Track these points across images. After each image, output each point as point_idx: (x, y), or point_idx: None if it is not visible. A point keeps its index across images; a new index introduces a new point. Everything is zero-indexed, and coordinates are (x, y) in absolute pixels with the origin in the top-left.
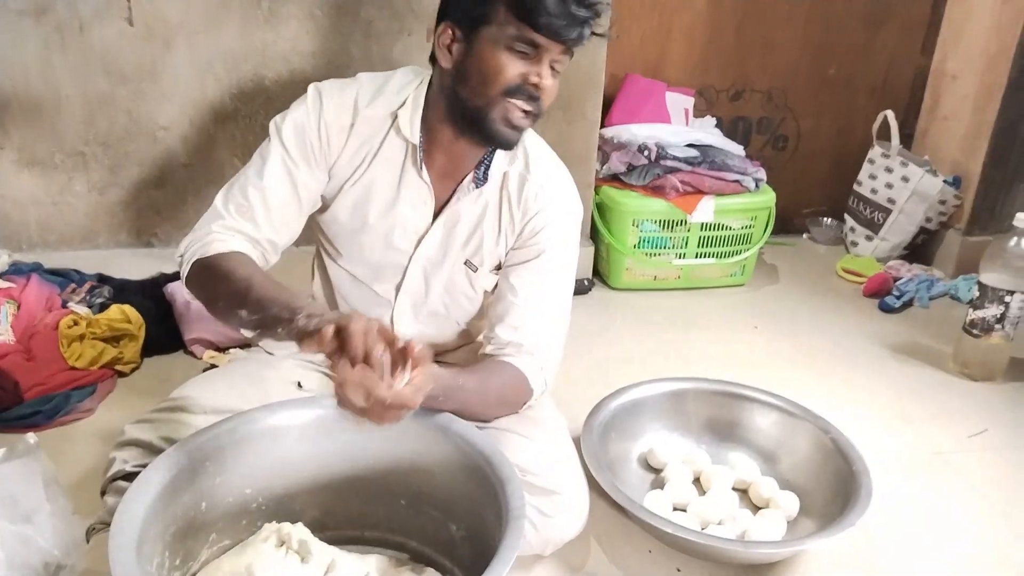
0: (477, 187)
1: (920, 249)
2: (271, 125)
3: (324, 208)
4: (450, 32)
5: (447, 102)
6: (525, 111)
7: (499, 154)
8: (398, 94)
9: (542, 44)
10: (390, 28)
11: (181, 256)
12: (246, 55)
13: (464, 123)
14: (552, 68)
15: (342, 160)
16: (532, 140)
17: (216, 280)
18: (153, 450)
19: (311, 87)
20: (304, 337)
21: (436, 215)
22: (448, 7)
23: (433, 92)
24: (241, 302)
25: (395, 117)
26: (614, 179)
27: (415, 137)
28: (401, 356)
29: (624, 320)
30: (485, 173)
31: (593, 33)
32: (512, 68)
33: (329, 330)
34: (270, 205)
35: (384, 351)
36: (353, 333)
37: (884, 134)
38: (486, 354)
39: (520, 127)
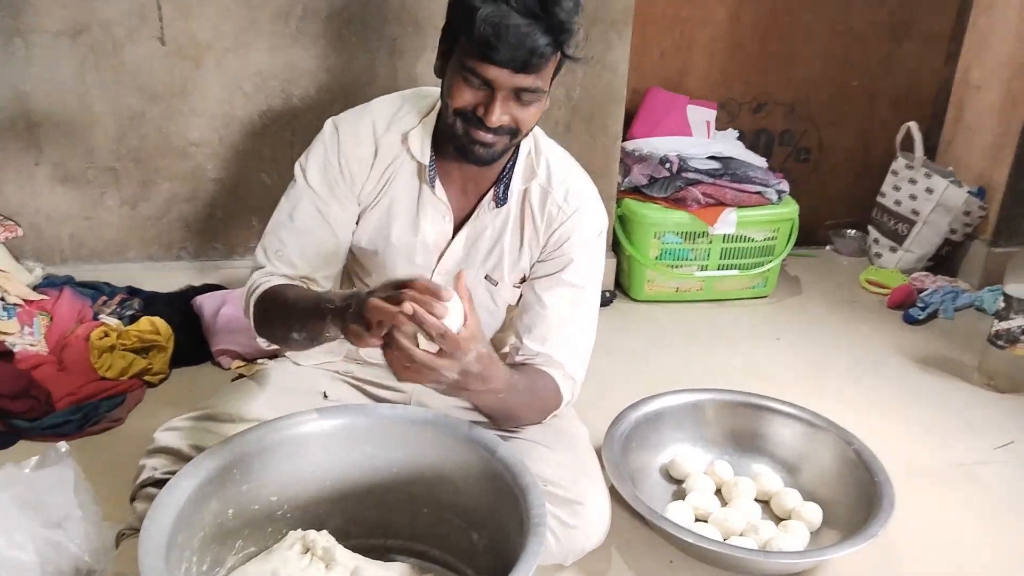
0: (498, 206)
1: (945, 260)
2: (296, 167)
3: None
4: (440, 50)
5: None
6: (484, 135)
7: (517, 171)
8: (410, 115)
9: (491, 77)
10: (414, 45)
11: (247, 315)
12: (274, 73)
13: (445, 138)
14: (517, 98)
15: (367, 188)
16: (553, 153)
17: (269, 315)
18: (182, 457)
19: (328, 123)
20: (350, 323)
21: (457, 230)
22: (443, 26)
23: None
24: (288, 322)
25: (407, 139)
26: (636, 191)
27: (425, 157)
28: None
29: (646, 332)
30: (505, 192)
31: (566, 56)
32: (463, 96)
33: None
34: (304, 245)
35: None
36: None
37: (907, 145)
38: (515, 364)
39: (487, 144)
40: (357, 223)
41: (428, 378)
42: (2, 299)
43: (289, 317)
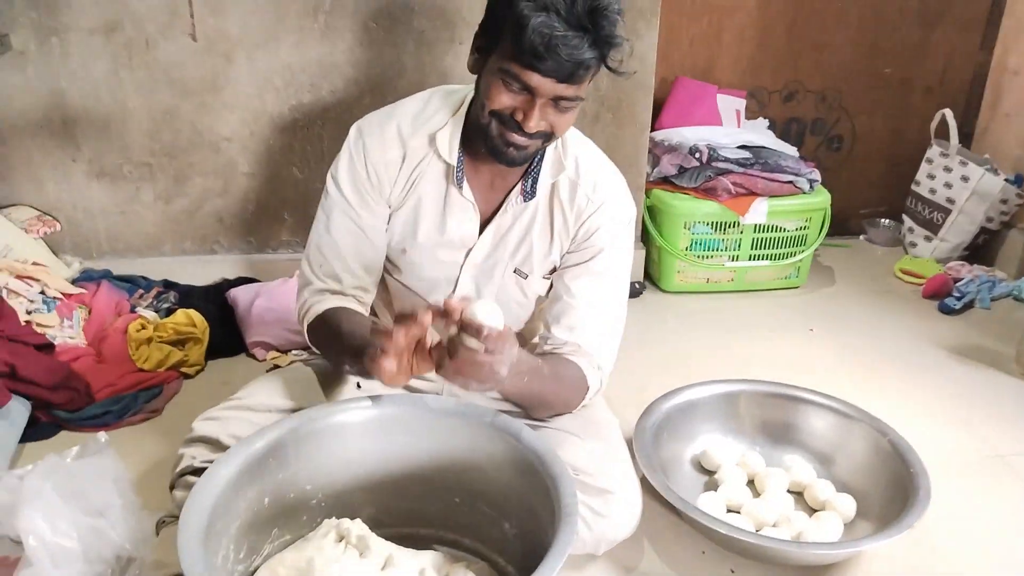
0: (526, 201)
1: (981, 249)
2: (328, 177)
3: None
4: (476, 46)
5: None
6: (519, 138)
7: (545, 165)
8: (438, 114)
9: (534, 84)
10: (441, 37)
11: (302, 334)
12: (303, 67)
13: (477, 137)
14: (555, 104)
15: (396, 190)
16: (581, 145)
17: (322, 342)
18: (220, 447)
19: (353, 128)
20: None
21: (484, 225)
22: (482, 22)
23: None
24: (340, 355)
25: (434, 140)
26: (665, 182)
27: (453, 157)
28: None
29: (676, 323)
30: (533, 187)
31: (610, 69)
32: (501, 99)
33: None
34: (345, 257)
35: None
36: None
37: (942, 133)
38: (543, 354)
39: (519, 145)
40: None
41: (485, 376)
42: (42, 293)
43: (342, 352)
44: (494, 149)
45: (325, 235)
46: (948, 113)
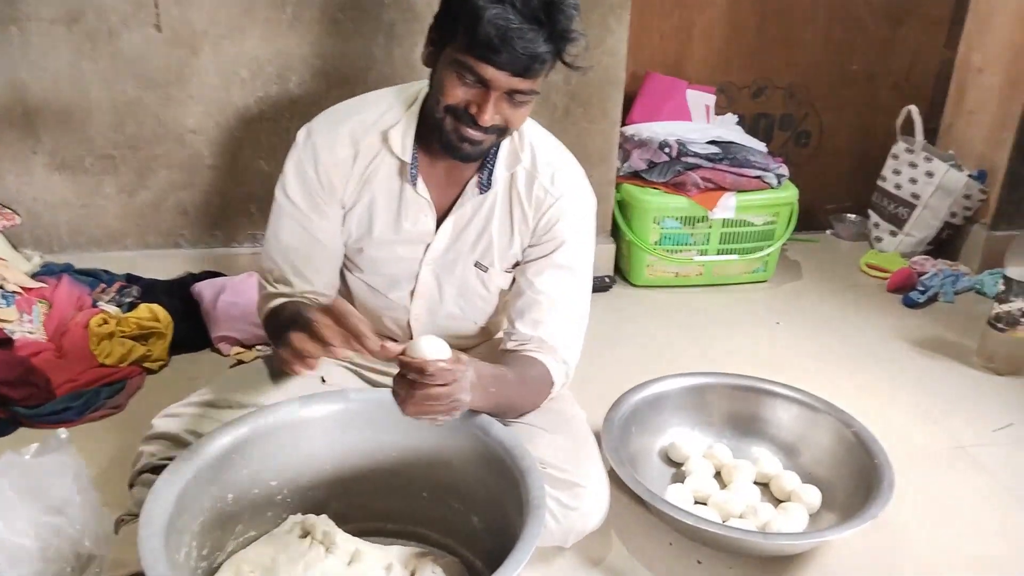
0: (482, 192)
1: (945, 244)
2: (277, 185)
3: None
4: (431, 39)
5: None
6: (473, 132)
7: (500, 157)
8: (390, 112)
9: (488, 77)
10: (411, 30)
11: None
12: (270, 59)
13: (431, 132)
14: (509, 98)
15: (348, 189)
16: (538, 137)
17: (274, 337)
18: (180, 443)
19: (301, 131)
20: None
21: (442, 219)
22: (437, 15)
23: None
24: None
25: (387, 137)
26: (635, 176)
27: (406, 154)
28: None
29: (645, 317)
30: (489, 178)
31: (566, 64)
32: (456, 92)
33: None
34: (295, 263)
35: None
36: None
37: (908, 129)
38: (507, 350)
39: (475, 141)
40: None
41: (447, 407)
42: (1, 287)
43: (278, 337)
44: (448, 144)
45: (274, 241)
46: (914, 109)
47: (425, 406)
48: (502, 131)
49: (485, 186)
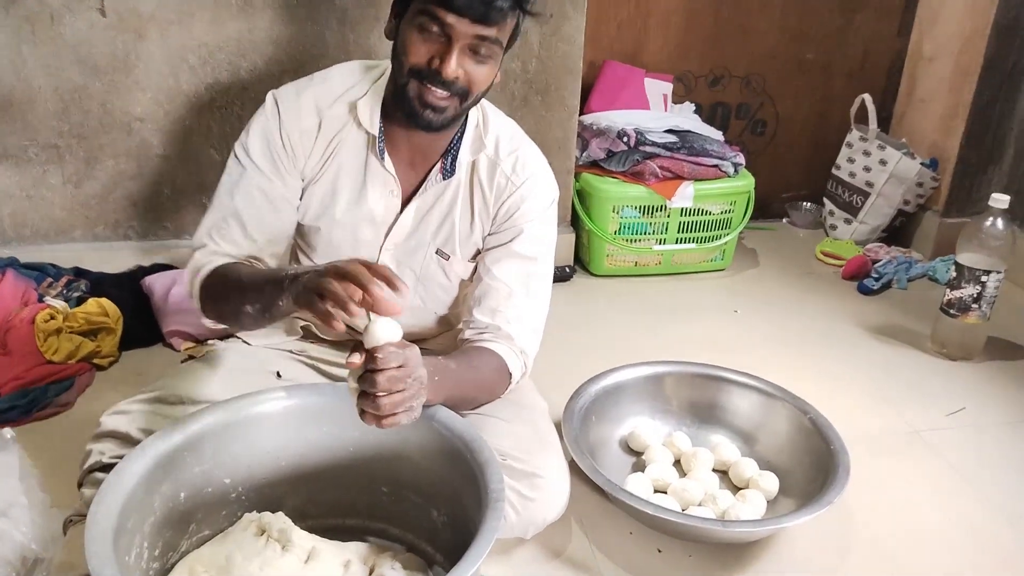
0: (445, 179)
1: (898, 231)
2: (236, 144)
3: None
4: (395, 12)
5: (392, 85)
6: (437, 93)
7: (465, 143)
8: (358, 86)
9: (449, 23)
10: (365, 15)
11: (192, 296)
12: (220, 45)
13: (395, 104)
14: (473, 53)
15: (311, 162)
16: (501, 124)
17: (219, 292)
18: (130, 441)
19: (268, 96)
20: (299, 294)
21: (405, 204)
22: None
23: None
24: (242, 296)
25: (355, 109)
26: (594, 166)
27: (374, 127)
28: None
29: (606, 306)
30: (452, 164)
31: (525, 12)
32: (418, 49)
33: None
34: (245, 224)
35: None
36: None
37: (862, 117)
38: (465, 339)
39: (438, 107)
40: (301, 199)
41: (402, 417)
42: None
43: (244, 291)
44: (411, 112)
45: (227, 200)
46: (867, 98)
47: (383, 419)
48: (464, 94)
49: (449, 172)
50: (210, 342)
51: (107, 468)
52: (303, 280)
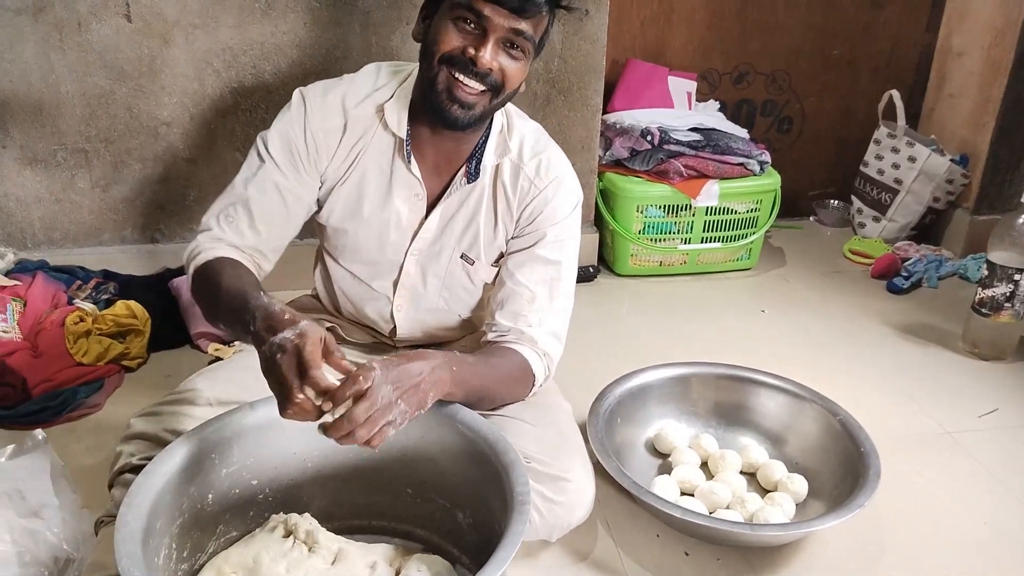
0: (470, 182)
1: (928, 229)
2: (258, 137)
3: (319, 209)
4: (422, 14)
5: (420, 86)
6: (468, 86)
7: (490, 146)
8: (385, 88)
9: (487, 14)
10: (388, 17)
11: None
12: (244, 49)
13: (422, 101)
14: (507, 47)
15: (334, 163)
16: (525, 128)
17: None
18: (159, 443)
19: (296, 92)
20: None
21: (430, 209)
22: None
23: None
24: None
25: (382, 112)
26: (617, 165)
27: (402, 131)
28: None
29: (630, 307)
30: (477, 168)
31: (560, 6)
32: (452, 37)
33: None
34: (254, 215)
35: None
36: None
37: (890, 114)
38: (487, 342)
39: (465, 102)
40: (325, 202)
41: (382, 433)
42: None
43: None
44: (439, 108)
45: (241, 188)
46: (895, 94)
47: (372, 438)
48: (496, 89)
49: (473, 175)
50: (237, 344)
51: (136, 469)
52: (262, 350)
